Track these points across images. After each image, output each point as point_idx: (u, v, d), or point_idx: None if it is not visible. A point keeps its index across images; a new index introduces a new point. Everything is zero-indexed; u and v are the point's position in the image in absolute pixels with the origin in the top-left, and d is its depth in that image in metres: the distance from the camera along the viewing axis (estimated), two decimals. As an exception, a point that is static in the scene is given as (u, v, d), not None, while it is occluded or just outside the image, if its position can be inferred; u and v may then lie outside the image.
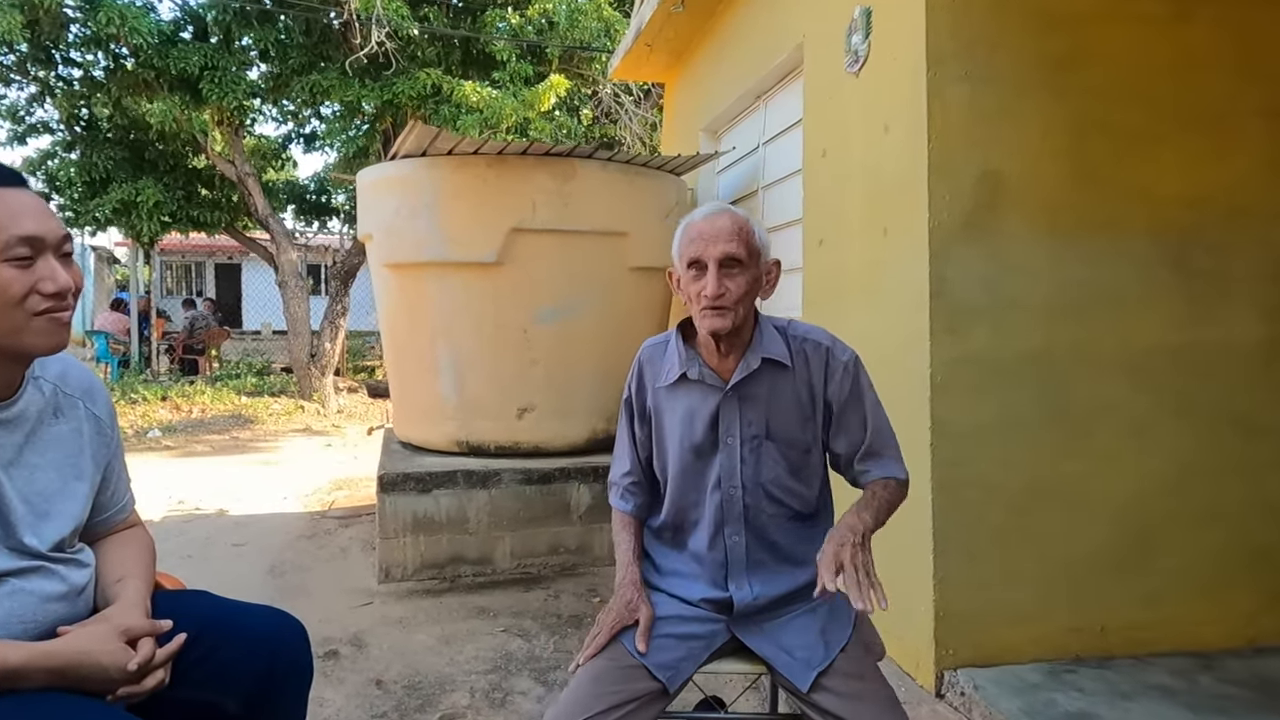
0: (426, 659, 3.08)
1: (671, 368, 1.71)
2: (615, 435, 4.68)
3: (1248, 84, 2.71)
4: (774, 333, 1.69)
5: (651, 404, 1.76)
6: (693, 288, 1.61)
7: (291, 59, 9.55)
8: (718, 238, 1.58)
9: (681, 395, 1.71)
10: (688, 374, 1.68)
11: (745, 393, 1.67)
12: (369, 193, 4.45)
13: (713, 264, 1.57)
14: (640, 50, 5.43)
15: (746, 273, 1.60)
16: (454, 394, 4.30)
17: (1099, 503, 2.64)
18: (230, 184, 11.36)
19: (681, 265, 1.64)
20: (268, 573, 4.13)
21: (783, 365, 1.67)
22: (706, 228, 1.60)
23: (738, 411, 1.67)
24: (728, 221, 1.60)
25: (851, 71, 3.00)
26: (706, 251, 1.58)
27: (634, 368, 1.79)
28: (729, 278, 1.58)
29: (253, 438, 8.66)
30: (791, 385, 1.67)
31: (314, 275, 20.30)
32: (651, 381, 1.75)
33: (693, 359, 1.69)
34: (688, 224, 1.65)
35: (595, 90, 10.43)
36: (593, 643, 1.62)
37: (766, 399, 1.67)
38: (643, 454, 1.81)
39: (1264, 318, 2.74)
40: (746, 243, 1.60)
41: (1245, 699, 2.35)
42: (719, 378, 1.68)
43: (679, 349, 1.71)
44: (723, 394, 1.67)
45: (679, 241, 1.66)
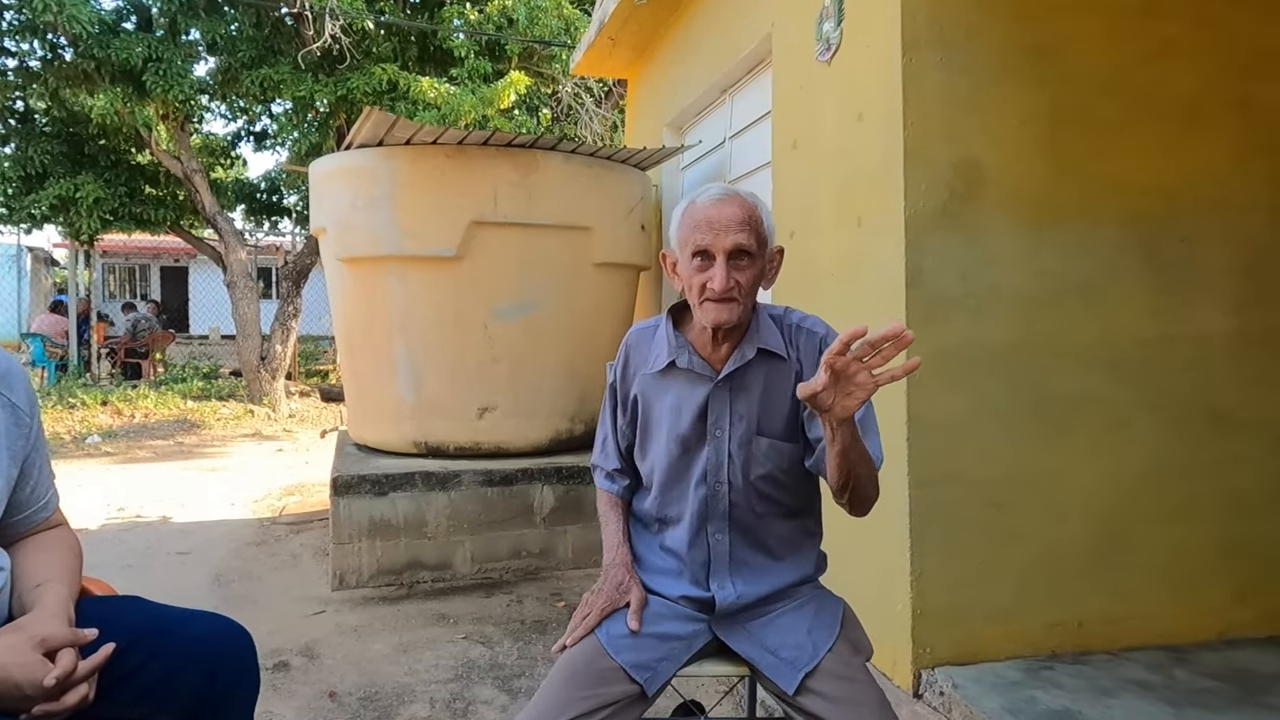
0: (383, 669, 2.93)
1: (660, 354, 1.62)
2: (579, 435, 4.54)
3: (1217, 76, 2.71)
4: (770, 322, 1.60)
5: (637, 390, 1.66)
6: (696, 278, 1.49)
7: (241, 52, 9.26)
8: (729, 227, 1.47)
9: (669, 383, 1.61)
10: (677, 362, 1.59)
11: (737, 384, 1.58)
12: (323, 184, 4.28)
13: (721, 256, 1.47)
14: (603, 44, 5.34)
15: (755, 264, 1.51)
16: (412, 393, 4.15)
17: (1075, 497, 2.60)
18: (176, 181, 10.98)
19: (684, 252, 1.52)
20: (213, 582, 3.93)
21: (778, 356, 1.58)
22: (716, 215, 1.48)
23: (728, 404, 1.58)
24: (738, 209, 1.49)
25: (823, 60, 2.94)
26: (716, 242, 1.46)
27: (621, 353, 1.70)
28: (738, 270, 1.47)
29: (199, 443, 8.34)
30: (785, 375, 1.58)
31: (265, 278, 19.78)
32: (639, 367, 1.66)
33: (683, 346, 1.60)
34: (691, 206, 1.53)
35: (555, 89, 10.31)
36: (581, 625, 1.52)
37: (760, 391, 1.58)
38: (624, 443, 1.71)
39: (1234, 310, 2.74)
40: (757, 232, 1.50)
41: (1223, 692, 2.32)
42: (710, 367, 1.58)
43: (669, 335, 1.62)
44: (713, 384, 1.58)
45: (681, 225, 1.53)
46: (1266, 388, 2.77)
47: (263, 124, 12.55)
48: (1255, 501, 2.75)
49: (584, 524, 4.10)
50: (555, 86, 10.27)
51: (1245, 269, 2.75)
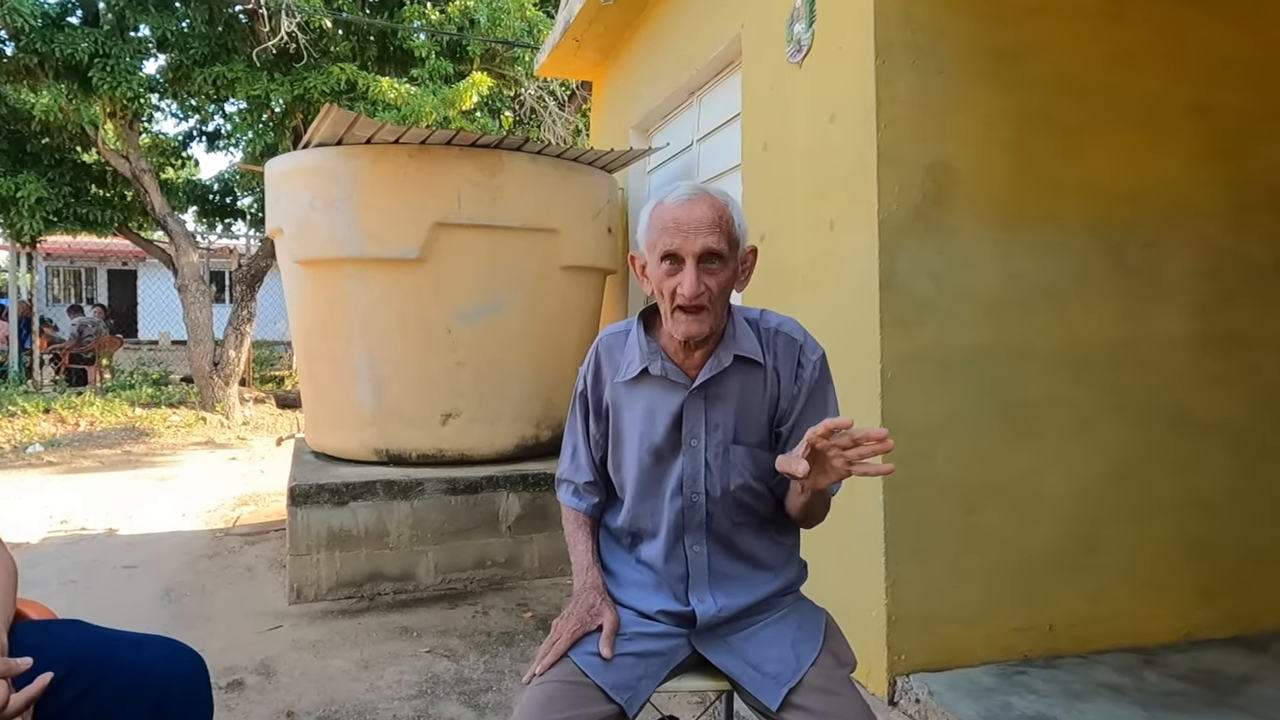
0: (344, 686, 2.83)
1: (632, 361, 1.55)
2: (545, 441, 4.44)
3: (1178, 81, 2.74)
4: (746, 326, 1.54)
5: (609, 399, 1.59)
6: (665, 283, 1.43)
7: (193, 49, 8.99)
8: (698, 229, 1.40)
9: (642, 391, 1.55)
10: (649, 369, 1.52)
11: (712, 392, 1.52)
12: (279, 184, 4.15)
13: (691, 260, 1.40)
14: (568, 46, 5.28)
15: (726, 268, 1.44)
16: (373, 399, 4.03)
17: (1045, 500, 2.61)
18: (124, 181, 10.62)
19: (652, 256, 1.46)
20: (162, 597, 3.77)
21: (755, 362, 1.52)
22: (684, 216, 1.41)
23: (703, 412, 1.52)
24: (708, 210, 1.42)
25: (794, 62, 2.92)
26: (685, 245, 1.40)
27: (590, 358, 1.62)
28: (709, 274, 1.41)
29: (148, 452, 8.06)
30: (761, 382, 1.53)
31: (217, 282, 19.29)
32: (610, 375, 1.58)
33: (655, 352, 1.53)
34: (659, 207, 1.46)
35: (518, 92, 10.21)
36: (551, 650, 1.46)
37: (736, 399, 1.52)
38: (597, 453, 1.63)
39: (1195, 313, 2.77)
40: (728, 234, 1.44)
41: (1193, 694, 2.34)
42: (684, 374, 1.52)
43: (640, 341, 1.55)
44: (687, 392, 1.51)
45: (648, 226, 1.47)
46: (1226, 389, 2.81)
47: (216, 124, 12.23)
48: (1217, 502, 2.78)
49: (550, 532, 4.02)
50: (518, 89, 10.17)
51: (1206, 273, 2.79)
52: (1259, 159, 2.85)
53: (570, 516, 1.66)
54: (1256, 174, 2.85)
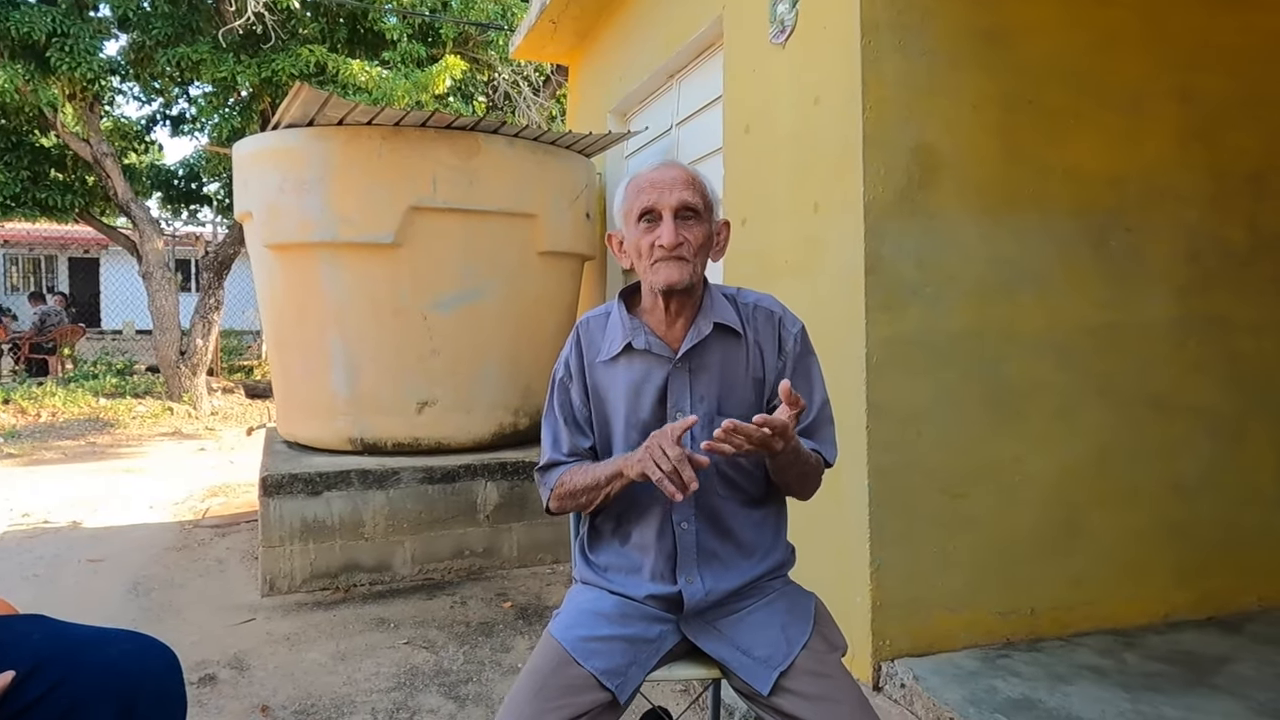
0: (320, 679, 2.77)
1: (614, 339, 1.55)
2: (523, 429, 4.36)
3: (1161, 68, 2.74)
4: (723, 299, 1.58)
5: (591, 382, 1.57)
6: (645, 239, 1.47)
7: (155, 29, 8.75)
8: (673, 185, 1.48)
9: (624, 368, 1.54)
10: (633, 343, 1.52)
11: (696, 363, 1.53)
12: (248, 165, 4.04)
13: (668, 212, 1.46)
14: (544, 28, 5.19)
15: (702, 225, 1.50)
16: (347, 388, 3.95)
17: (1027, 484, 2.61)
18: (85, 166, 10.33)
19: (629, 220, 1.52)
20: (130, 591, 3.67)
21: (734, 332, 1.54)
22: (659, 177, 1.49)
23: (688, 384, 1.52)
24: (680, 171, 1.51)
25: (777, 43, 2.88)
26: (661, 199, 1.47)
27: (571, 342, 1.61)
28: (685, 228, 1.47)
29: (113, 443, 7.87)
30: (743, 354, 1.54)
31: (183, 270, 18.89)
32: (592, 357, 1.58)
33: (638, 327, 1.54)
34: (635, 177, 1.53)
35: (491, 76, 10.06)
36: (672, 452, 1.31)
37: (719, 370, 1.53)
38: (586, 435, 1.59)
39: (1176, 298, 2.79)
40: (702, 193, 1.51)
41: (1172, 675, 2.35)
42: (667, 347, 1.53)
43: (623, 318, 1.56)
44: (672, 364, 1.52)
45: (625, 196, 1.53)
46: (1204, 374, 2.83)
47: (180, 107, 11.90)
48: (1194, 486, 2.81)
49: (529, 521, 3.98)
50: (491, 73, 10.03)
51: (1186, 257, 2.80)
52: (1237, 144, 2.86)
53: (572, 469, 1.55)
54: (1234, 159, 2.86)
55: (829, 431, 1.59)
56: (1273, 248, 2.91)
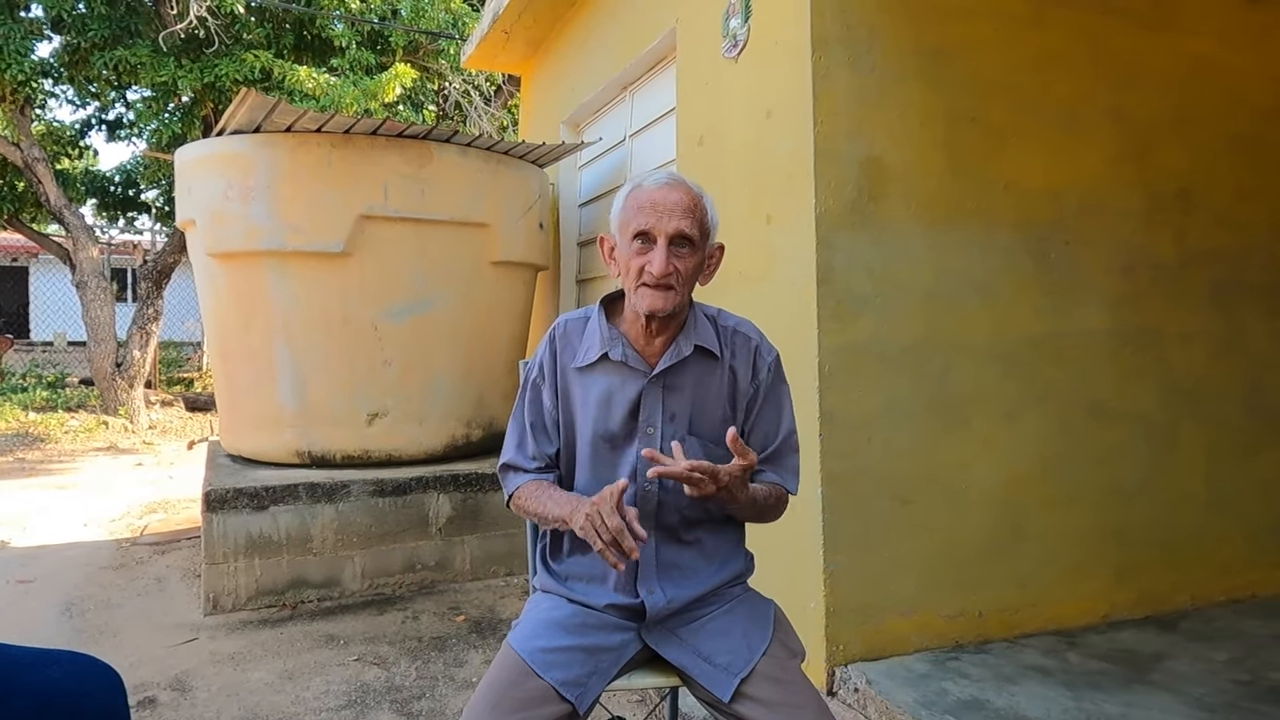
0: (266, 699, 2.69)
1: (591, 347, 1.54)
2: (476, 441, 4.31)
3: (1097, 86, 2.86)
4: (706, 321, 1.57)
5: (562, 385, 1.56)
6: (635, 261, 1.44)
7: (92, 31, 8.48)
8: (673, 211, 1.43)
9: (598, 377, 1.53)
10: (610, 354, 1.51)
11: (671, 381, 1.52)
12: (191, 171, 3.94)
13: (663, 239, 1.42)
14: (496, 38, 5.18)
15: (695, 254, 1.47)
16: (294, 399, 3.86)
17: (973, 489, 2.68)
18: (15, 171, 9.94)
19: (624, 234, 1.47)
20: (63, 612, 3.52)
21: (712, 355, 1.54)
22: (661, 198, 1.44)
23: (660, 400, 1.52)
24: (685, 195, 1.46)
25: (730, 57, 2.92)
26: (659, 225, 1.43)
27: (546, 344, 1.59)
28: (678, 257, 1.43)
29: (43, 459, 7.56)
30: (718, 377, 1.54)
31: (119, 279, 18.26)
32: (567, 360, 1.56)
33: (616, 338, 1.52)
34: (637, 189, 1.48)
35: (442, 86, 9.99)
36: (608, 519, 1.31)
37: (692, 390, 1.53)
38: (553, 437, 1.58)
39: (1111, 310, 2.90)
40: (701, 222, 1.47)
41: (1113, 673, 2.43)
42: (644, 361, 1.52)
43: (601, 326, 1.54)
44: (646, 379, 1.51)
45: (624, 206, 1.49)
46: (1139, 382, 2.95)
47: (117, 111, 11.55)
48: (1132, 489, 2.91)
49: (482, 534, 3.93)
50: (442, 82, 9.95)
51: (1121, 270, 2.92)
52: (1166, 162, 2.99)
53: (529, 486, 1.56)
54: (1164, 176, 2.99)
55: (793, 461, 1.59)
56: (1200, 261, 3.05)
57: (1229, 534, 3.05)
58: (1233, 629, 2.79)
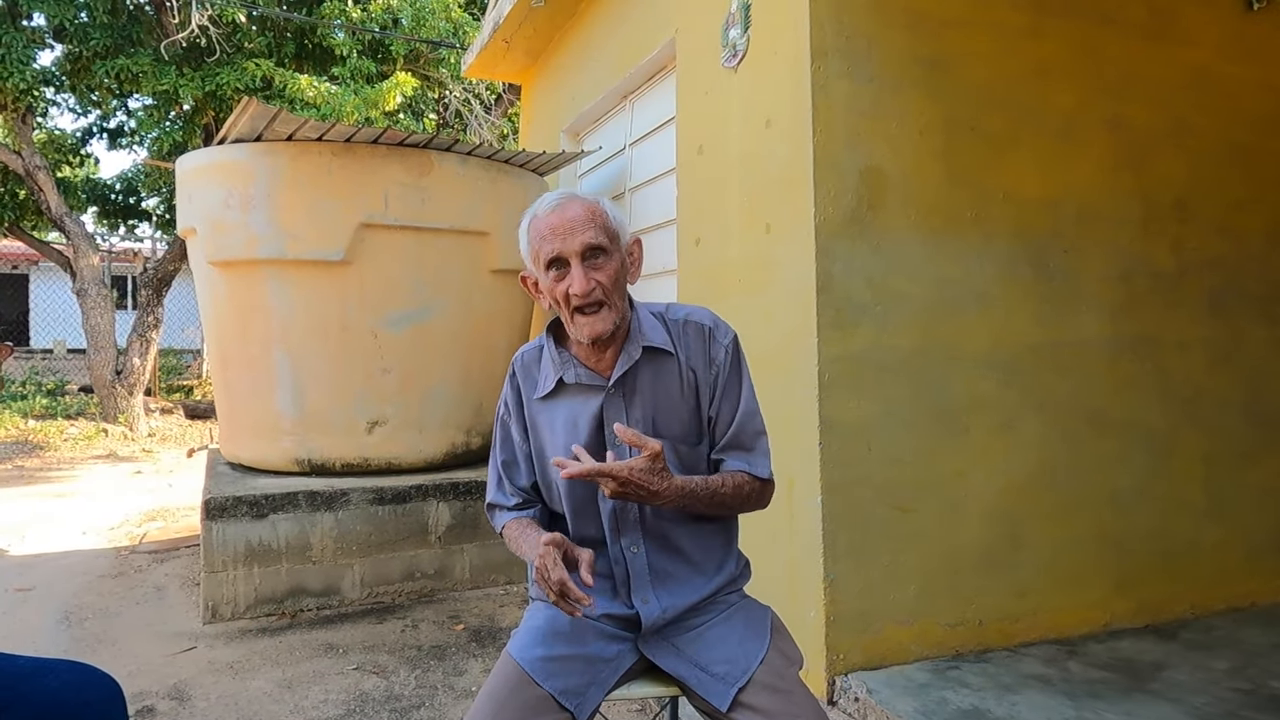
0: (266, 708, 2.68)
1: (547, 375, 1.55)
2: (475, 449, 4.32)
3: (1095, 96, 2.87)
4: (653, 319, 1.56)
5: (529, 417, 1.58)
6: (558, 289, 1.44)
7: (94, 40, 8.51)
8: (573, 229, 1.43)
9: (561, 403, 1.54)
10: (564, 378, 1.52)
11: (629, 388, 1.52)
12: (192, 180, 3.95)
13: (575, 259, 1.42)
14: (497, 47, 5.20)
15: (611, 260, 1.46)
16: (293, 407, 3.87)
17: (972, 498, 2.68)
18: (16, 178, 9.96)
19: (538, 267, 1.47)
20: (61, 621, 3.52)
21: (665, 352, 1.53)
22: (558, 220, 1.44)
23: (623, 409, 1.52)
24: (579, 209, 1.45)
25: (729, 66, 2.93)
26: (565, 246, 1.42)
27: (508, 383, 1.61)
28: (595, 269, 1.43)
29: (42, 466, 7.55)
30: (676, 372, 1.53)
31: (119, 287, 18.27)
32: (530, 393, 1.57)
33: (568, 361, 1.53)
34: (533, 220, 1.48)
35: (442, 94, 10.02)
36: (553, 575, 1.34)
37: (651, 391, 1.52)
38: (527, 474, 1.61)
39: (1108, 318, 2.90)
40: (605, 227, 1.46)
41: (1113, 682, 2.43)
42: (598, 376, 1.52)
43: (551, 354, 1.55)
44: (604, 393, 1.51)
45: (528, 241, 1.49)
46: (1136, 390, 2.95)
47: (118, 120, 11.59)
48: (1130, 498, 2.91)
49: (481, 542, 3.93)
50: (442, 91, 9.98)
51: (1118, 278, 2.93)
52: (1163, 171, 3.01)
53: (513, 525, 1.59)
54: (1161, 185, 3.00)
55: (760, 443, 1.55)
56: (1198, 270, 3.06)
57: (1228, 542, 3.05)
58: (1232, 638, 2.79)
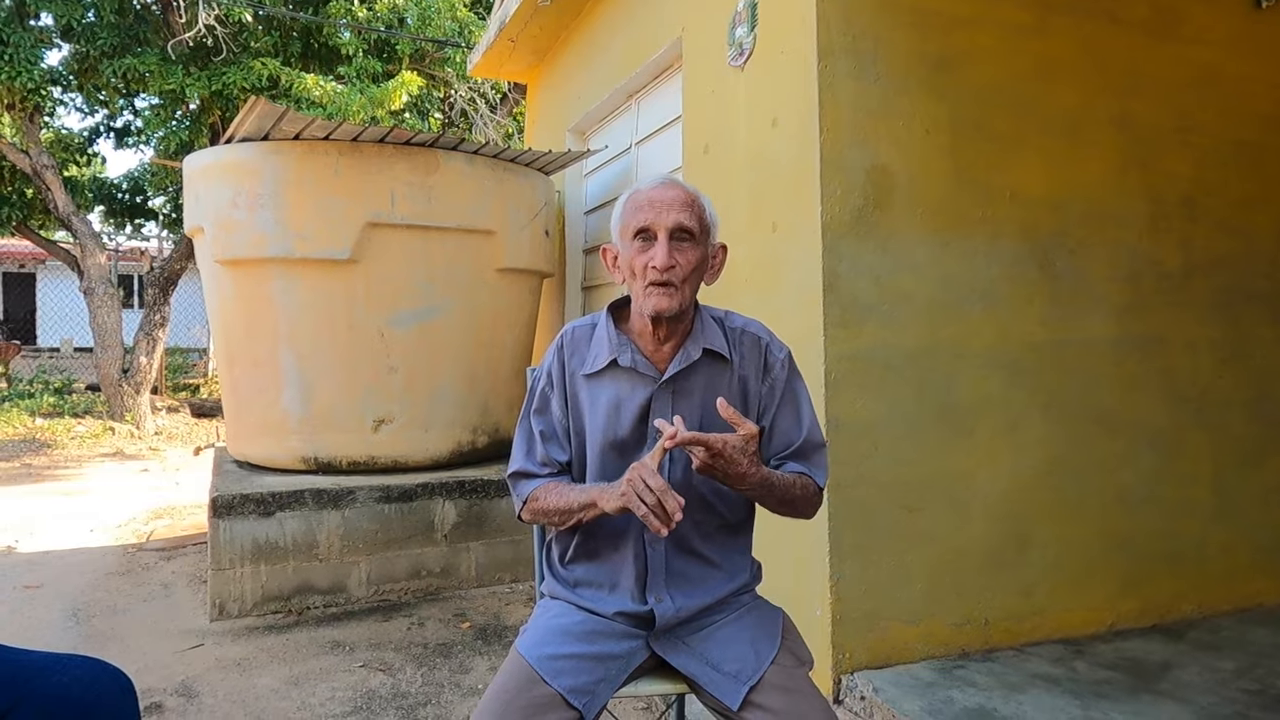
0: (272, 704, 2.70)
1: (600, 353, 1.54)
2: (481, 448, 4.31)
3: (1098, 95, 2.87)
4: (713, 324, 1.57)
5: (572, 391, 1.57)
6: (639, 259, 1.46)
7: (101, 40, 8.55)
8: (671, 206, 1.46)
9: (607, 384, 1.53)
10: (619, 360, 1.51)
11: (680, 386, 1.52)
12: (200, 180, 3.96)
13: (663, 233, 1.45)
14: (503, 46, 5.21)
15: (697, 249, 1.48)
16: (300, 406, 3.88)
17: (978, 497, 2.68)
18: (24, 177, 10.00)
19: (625, 236, 1.50)
20: (69, 618, 3.54)
21: (722, 357, 1.54)
22: (658, 195, 1.48)
23: (670, 406, 1.51)
24: (680, 191, 1.50)
25: (736, 65, 2.94)
26: (658, 220, 1.45)
27: (553, 352, 1.60)
28: (679, 251, 1.45)
29: (50, 464, 7.59)
30: (728, 380, 1.54)
31: (126, 286, 18.34)
32: (576, 367, 1.56)
33: (625, 344, 1.53)
34: (634, 193, 1.52)
35: (448, 93, 10.03)
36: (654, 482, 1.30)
37: (702, 394, 1.52)
38: (563, 445, 1.58)
39: (1115, 318, 2.90)
40: (699, 216, 1.49)
41: (1120, 682, 2.43)
42: (654, 367, 1.52)
43: (610, 332, 1.54)
44: (656, 385, 1.51)
45: (622, 211, 1.52)
46: (1142, 390, 2.94)
47: (125, 119, 11.63)
48: (1136, 498, 2.91)
49: (488, 540, 3.94)
50: (448, 90, 10.00)
51: (1126, 278, 2.92)
52: (1170, 170, 3.00)
53: (549, 485, 1.54)
54: (1168, 184, 3.00)
55: (820, 456, 1.57)
56: (1205, 268, 3.05)
57: (1235, 543, 3.04)
58: (1240, 638, 2.78)
